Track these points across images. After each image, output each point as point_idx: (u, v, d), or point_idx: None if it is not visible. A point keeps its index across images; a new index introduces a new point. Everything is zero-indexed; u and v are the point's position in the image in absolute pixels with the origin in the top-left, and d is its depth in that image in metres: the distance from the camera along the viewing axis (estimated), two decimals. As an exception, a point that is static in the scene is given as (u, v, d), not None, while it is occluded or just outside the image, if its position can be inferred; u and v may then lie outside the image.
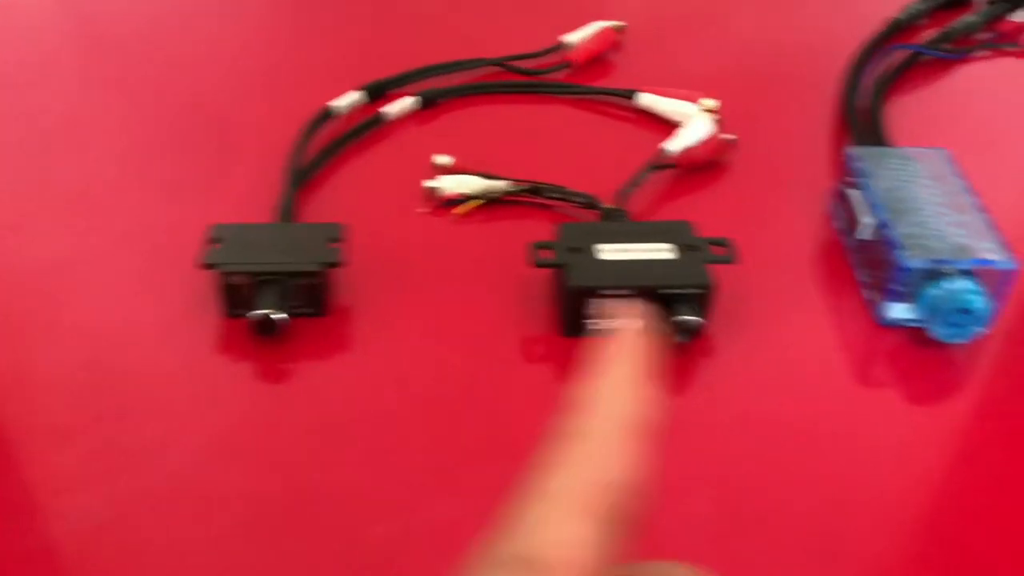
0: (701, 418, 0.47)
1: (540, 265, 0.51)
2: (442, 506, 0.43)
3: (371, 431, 0.47)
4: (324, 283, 0.51)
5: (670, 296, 0.49)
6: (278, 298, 0.50)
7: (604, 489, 0.25)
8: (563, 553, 0.24)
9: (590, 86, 0.71)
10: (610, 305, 0.49)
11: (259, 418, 0.47)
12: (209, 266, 0.50)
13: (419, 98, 0.67)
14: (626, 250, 0.51)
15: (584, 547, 0.24)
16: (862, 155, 0.56)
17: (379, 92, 0.68)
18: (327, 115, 0.65)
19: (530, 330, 0.52)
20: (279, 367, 0.50)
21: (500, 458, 0.45)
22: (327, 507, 0.43)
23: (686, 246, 0.51)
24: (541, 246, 0.51)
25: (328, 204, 0.60)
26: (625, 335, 0.28)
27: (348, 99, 0.66)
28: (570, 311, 0.50)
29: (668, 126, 0.66)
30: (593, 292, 0.49)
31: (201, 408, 0.48)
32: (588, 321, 0.50)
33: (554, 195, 0.59)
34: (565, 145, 0.66)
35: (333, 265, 0.51)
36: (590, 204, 0.58)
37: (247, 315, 0.49)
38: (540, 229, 0.58)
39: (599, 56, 0.74)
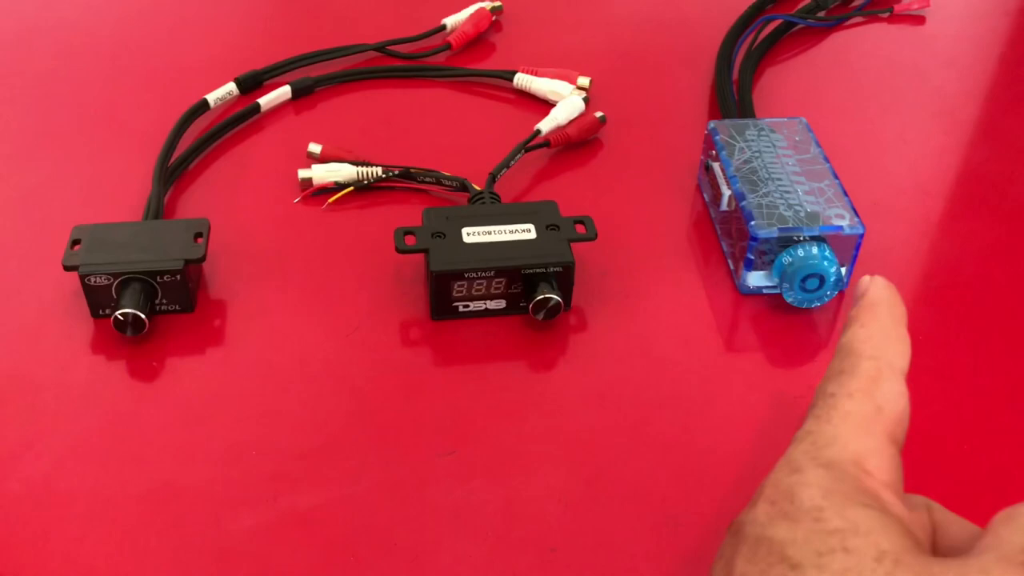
0: (567, 392, 0.48)
1: (402, 251, 0.51)
2: (309, 495, 0.44)
3: (240, 423, 0.47)
4: (187, 279, 0.51)
5: (532, 276, 0.50)
6: (140, 297, 0.49)
7: (898, 418, 0.33)
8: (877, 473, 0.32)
9: (469, 68, 0.71)
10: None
11: (127, 417, 0.47)
12: (69, 268, 0.50)
13: (292, 87, 0.67)
14: (489, 232, 0.52)
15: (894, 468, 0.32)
16: (722, 128, 0.57)
17: (255, 83, 0.68)
18: (201, 108, 0.64)
19: (404, 315, 0.52)
20: (147, 365, 0.50)
21: (371, 443, 0.46)
22: (192, 501, 0.44)
23: (549, 226, 0.52)
24: (406, 232, 0.52)
25: (200, 199, 0.60)
26: (881, 288, 0.36)
27: (223, 91, 0.66)
28: (436, 295, 0.51)
29: (546, 106, 0.67)
30: (457, 275, 0.50)
31: (69, 410, 0.48)
32: (455, 304, 0.51)
33: (427, 179, 0.60)
34: (444, 129, 0.66)
35: (195, 261, 0.51)
36: (462, 187, 0.58)
37: (110, 315, 0.49)
38: (413, 215, 0.58)
39: (478, 38, 0.74)
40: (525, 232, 0.51)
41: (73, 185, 0.61)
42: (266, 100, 0.66)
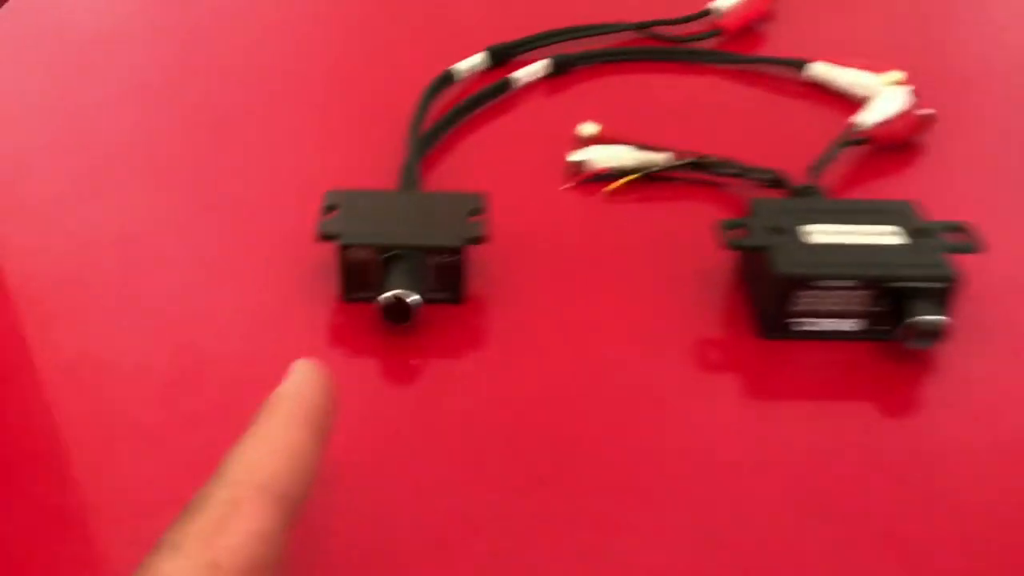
0: (951, 450, 0.37)
1: (734, 247, 0.41)
2: (617, 538, 0.34)
3: (518, 443, 0.37)
4: (463, 263, 0.41)
5: (904, 291, 0.39)
6: (410, 278, 0.40)
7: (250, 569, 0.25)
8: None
9: (751, 55, 0.61)
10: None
11: (380, 424, 0.38)
12: (327, 237, 0.41)
13: (550, 63, 0.58)
14: (842, 232, 0.41)
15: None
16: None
17: (504, 56, 0.59)
18: (449, 78, 0.55)
19: (706, 330, 0.42)
20: (407, 362, 0.40)
21: (673, 485, 0.36)
22: (457, 528, 0.34)
23: (915, 230, 0.41)
24: (732, 225, 0.42)
25: (453, 176, 0.50)
26: (295, 377, 0.31)
27: (470, 62, 0.57)
28: (774, 305, 0.40)
29: (843, 100, 0.56)
30: (806, 282, 0.39)
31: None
32: (793, 320, 0.40)
33: (727, 171, 0.49)
34: (722, 118, 0.56)
35: (476, 241, 0.41)
36: (775, 182, 0.48)
37: (373, 298, 0.40)
38: (708, 211, 0.48)
39: (751, 25, 0.64)
40: (891, 235, 0.41)
41: (308, 152, 0.52)
42: (520, 75, 0.57)
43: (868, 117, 0.52)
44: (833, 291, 0.39)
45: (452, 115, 0.53)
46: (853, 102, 0.56)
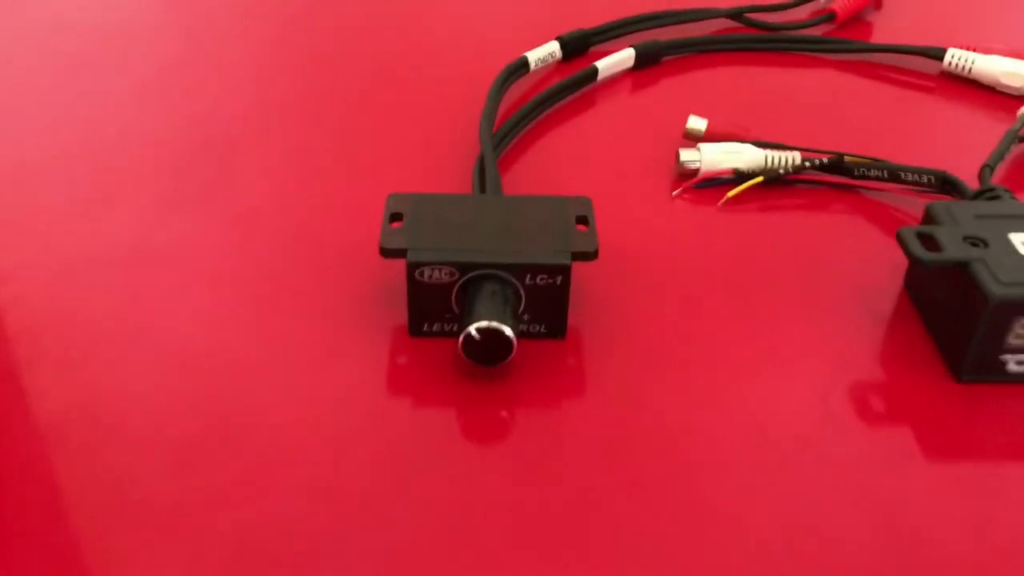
0: None
1: (928, 263, 0.31)
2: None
3: (625, 518, 0.27)
4: (566, 286, 0.32)
5: None
6: (500, 306, 0.31)
7: None
8: None
9: (879, 44, 0.52)
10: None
11: (460, 502, 0.28)
12: (391, 253, 0.31)
13: (635, 52, 0.49)
14: (1061, 242, 0.31)
15: None
16: None
17: (582, 44, 0.50)
18: (520, 68, 0.46)
19: (871, 370, 0.32)
20: (495, 415, 0.31)
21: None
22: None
23: None
24: (918, 233, 0.32)
25: (532, 181, 0.41)
26: None
27: (544, 50, 0.48)
28: (980, 337, 0.30)
29: (983, 91, 0.47)
30: (1025, 307, 0.30)
31: (369, 490, 0.29)
32: (1009, 356, 0.30)
33: (875, 173, 0.40)
34: (846, 114, 0.47)
35: (587, 256, 0.32)
36: (944, 183, 0.38)
37: (448, 331, 0.30)
38: (852, 221, 0.39)
39: (862, 11, 0.55)
40: None
41: (368, 151, 0.43)
42: (605, 65, 0.48)
43: (1040, 107, 0.42)
44: (1064, 321, 0.29)
45: (529, 109, 0.44)
46: (998, 93, 0.47)
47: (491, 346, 0.30)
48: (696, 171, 0.41)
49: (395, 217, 0.33)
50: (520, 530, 0.27)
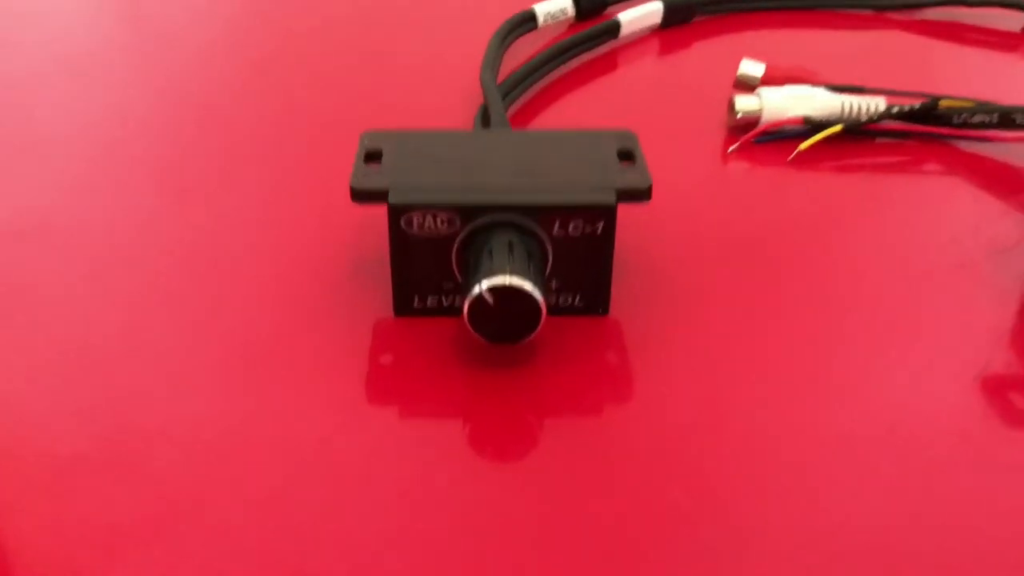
0: None
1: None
2: None
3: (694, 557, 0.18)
4: (609, 238, 0.23)
5: None
6: (524, 262, 0.22)
7: None
8: None
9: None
10: None
11: (471, 533, 0.19)
12: (364, 196, 0.23)
13: (662, 5, 0.41)
14: None
15: None
16: None
17: (598, 2, 0.42)
18: (526, 22, 0.38)
19: (1004, 362, 0.24)
20: (520, 420, 0.22)
21: None
22: None
23: None
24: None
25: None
26: None
27: (555, 5, 0.40)
28: None
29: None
30: None
31: (345, 516, 0.20)
32: None
33: (979, 119, 0.31)
34: (924, 72, 0.38)
35: (639, 195, 0.23)
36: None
37: (451, 307, 0.22)
38: (954, 179, 0.31)
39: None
40: None
41: (348, 110, 0.34)
42: (628, 18, 0.39)
43: None
44: None
45: (538, 63, 0.36)
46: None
47: (510, 315, 0.21)
48: (755, 121, 0.32)
49: (372, 157, 0.24)
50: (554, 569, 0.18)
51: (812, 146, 0.31)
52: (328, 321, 0.24)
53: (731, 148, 0.32)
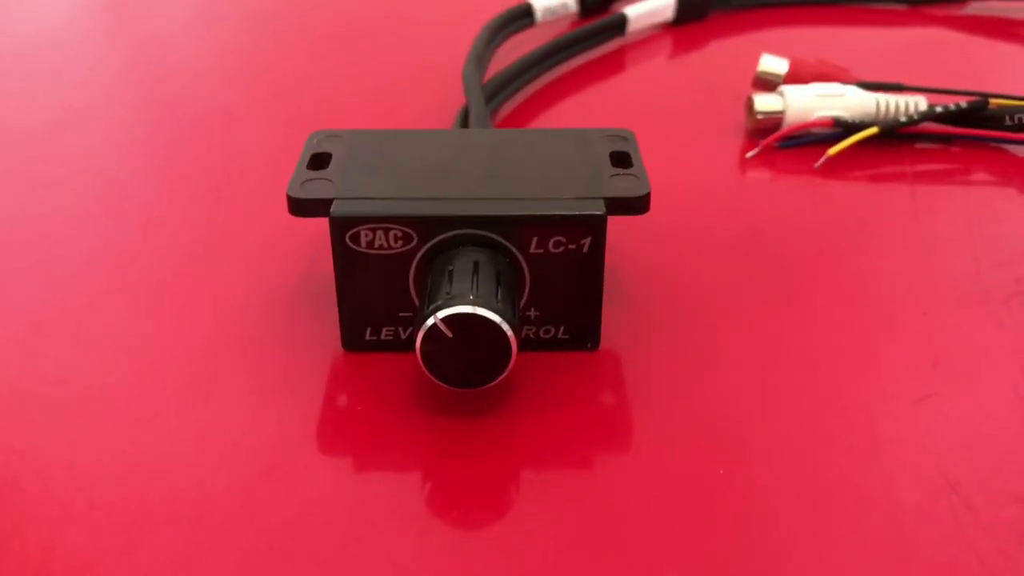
0: None
1: None
2: None
3: None
4: (599, 256, 0.19)
5: None
6: (490, 287, 0.18)
7: None
8: None
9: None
10: None
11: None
12: (302, 207, 0.19)
13: (675, 4, 0.37)
14: None
15: None
16: None
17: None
18: (522, 16, 0.35)
19: None
20: (491, 485, 0.18)
21: None
22: None
23: None
24: None
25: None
26: None
27: (555, 0, 0.36)
28: None
29: None
30: None
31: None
32: None
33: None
34: (966, 71, 0.34)
35: (636, 206, 0.19)
36: None
37: (406, 342, 0.18)
38: (1009, 189, 0.26)
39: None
40: None
41: (325, 105, 0.31)
42: (636, 13, 0.36)
43: None
44: None
45: (533, 60, 0.32)
46: None
47: (474, 352, 0.17)
48: (777, 124, 0.28)
49: (318, 161, 0.20)
50: None
51: (843, 151, 0.27)
52: (269, 356, 0.20)
53: (750, 154, 0.28)
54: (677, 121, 0.30)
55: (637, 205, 0.19)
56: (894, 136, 0.28)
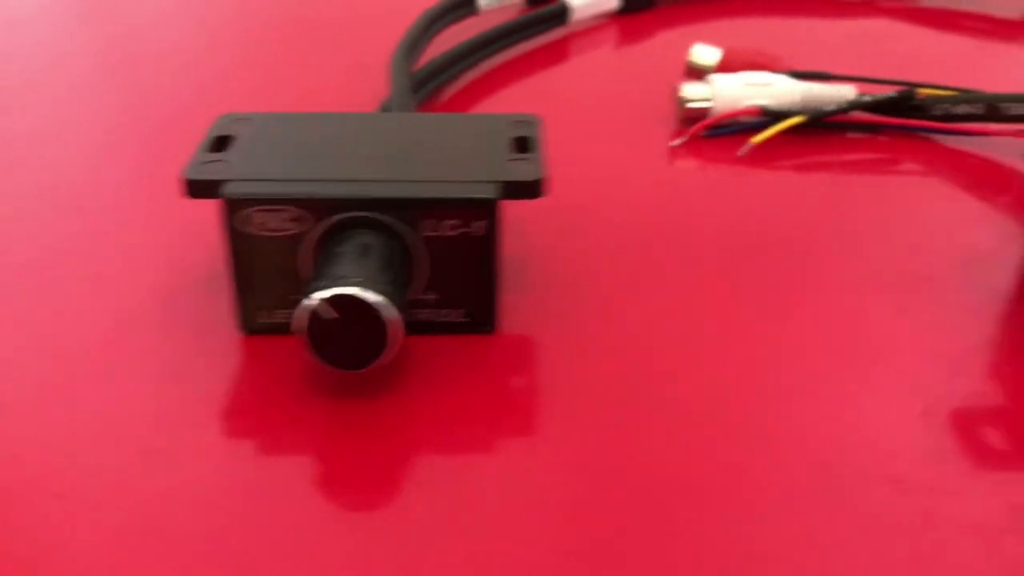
0: None
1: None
2: None
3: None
4: (495, 240, 0.19)
5: None
6: (377, 269, 0.18)
7: None
8: None
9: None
10: None
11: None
12: (199, 189, 0.19)
13: (622, -5, 0.37)
14: None
15: None
16: None
17: (549, -15, 0.38)
18: (463, 5, 0.34)
19: (973, 386, 0.19)
20: (378, 464, 0.18)
21: None
22: None
23: None
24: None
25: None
26: None
27: (496, -12, 0.36)
28: None
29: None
30: None
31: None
32: None
33: (962, 110, 0.27)
34: (913, 64, 0.34)
35: (528, 191, 0.19)
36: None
37: (304, 318, 0.18)
38: (935, 180, 0.27)
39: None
40: None
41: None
42: (581, 3, 0.36)
43: None
44: None
45: (467, 49, 0.32)
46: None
47: (357, 335, 0.17)
48: (706, 112, 0.28)
49: (220, 143, 0.20)
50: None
51: (771, 141, 0.27)
52: (170, 338, 0.20)
53: (675, 142, 0.28)
54: (610, 110, 0.30)
55: (530, 189, 0.19)
56: (824, 126, 0.28)
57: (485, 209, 0.19)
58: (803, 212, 0.25)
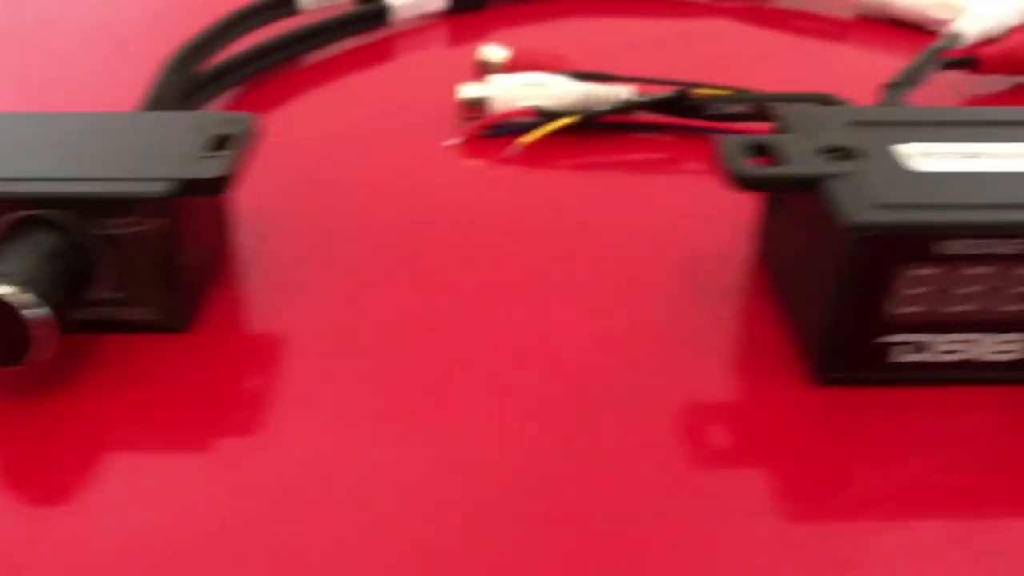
0: None
1: (756, 183, 0.19)
2: None
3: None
4: (176, 234, 0.19)
5: None
6: (36, 264, 0.18)
7: None
8: None
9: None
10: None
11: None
12: None
13: (451, -8, 0.37)
14: (976, 153, 0.19)
15: None
16: None
17: (383, -13, 0.38)
18: (278, 6, 0.35)
19: (703, 378, 0.20)
20: (44, 461, 0.18)
21: None
22: None
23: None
24: (747, 144, 0.20)
25: (274, 132, 0.29)
26: None
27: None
28: (843, 309, 0.18)
29: (916, 33, 0.35)
30: (919, 242, 0.17)
31: None
32: (884, 340, 0.18)
33: (734, 109, 0.28)
34: (741, 66, 0.34)
35: (203, 188, 0.19)
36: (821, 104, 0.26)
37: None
38: (698, 178, 0.27)
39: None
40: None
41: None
42: (402, 2, 0.36)
43: (968, 26, 0.31)
44: (972, 266, 0.17)
45: (267, 49, 0.32)
46: (926, 32, 0.35)
47: (9, 331, 0.18)
48: (481, 110, 0.28)
49: (-77, 141, 0.21)
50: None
51: (552, 141, 0.28)
52: None
53: (447, 142, 0.28)
54: (402, 112, 0.30)
55: (211, 187, 0.19)
56: (607, 126, 0.28)
57: (159, 206, 0.19)
58: (570, 212, 0.25)
